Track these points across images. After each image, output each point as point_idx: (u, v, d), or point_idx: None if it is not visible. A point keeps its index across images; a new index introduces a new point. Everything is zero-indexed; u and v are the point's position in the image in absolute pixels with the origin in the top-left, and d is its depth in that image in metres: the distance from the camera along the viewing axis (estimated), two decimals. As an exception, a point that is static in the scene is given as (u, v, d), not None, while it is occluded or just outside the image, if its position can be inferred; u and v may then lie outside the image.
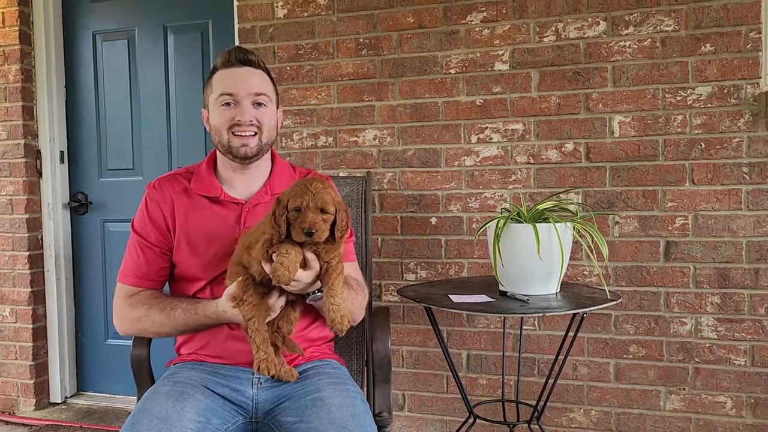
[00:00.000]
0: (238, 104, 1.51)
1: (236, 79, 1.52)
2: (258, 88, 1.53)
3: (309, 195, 1.24)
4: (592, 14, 2.31)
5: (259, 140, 1.54)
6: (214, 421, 1.33)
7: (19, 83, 2.95)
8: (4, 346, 3.05)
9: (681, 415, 2.29)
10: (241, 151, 1.52)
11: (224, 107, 1.52)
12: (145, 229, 1.56)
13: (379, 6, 2.53)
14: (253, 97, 1.52)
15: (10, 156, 2.98)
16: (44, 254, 3.06)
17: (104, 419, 2.90)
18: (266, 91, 1.56)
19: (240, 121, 1.50)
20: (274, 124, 1.59)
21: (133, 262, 1.55)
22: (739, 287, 2.22)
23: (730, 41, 2.18)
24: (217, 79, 1.54)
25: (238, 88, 1.51)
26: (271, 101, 1.57)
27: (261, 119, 1.53)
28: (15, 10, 2.93)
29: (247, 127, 1.51)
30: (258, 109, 1.53)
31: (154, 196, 1.57)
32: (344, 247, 1.52)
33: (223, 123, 1.51)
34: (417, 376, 2.55)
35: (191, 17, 2.91)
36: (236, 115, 1.50)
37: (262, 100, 1.54)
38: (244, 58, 1.55)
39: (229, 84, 1.52)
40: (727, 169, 2.21)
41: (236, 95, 1.51)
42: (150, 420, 1.25)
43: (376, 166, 2.56)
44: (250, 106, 1.52)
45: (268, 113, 1.56)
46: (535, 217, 1.93)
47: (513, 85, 2.39)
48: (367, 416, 1.33)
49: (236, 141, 1.51)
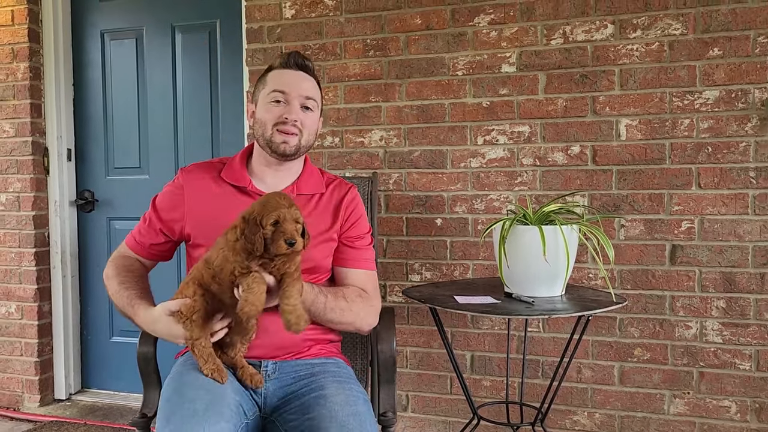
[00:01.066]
0: (288, 103, 1.57)
1: (291, 80, 1.58)
2: (309, 92, 1.59)
3: (284, 208, 1.28)
4: (600, 17, 2.31)
5: (299, 141, 1.58)
6: (245, 406, 1.37)
7: (27, 81, 2.96)
8: (10, 343, 3.06)
9: (685, 419, 2.29)
10: (281, 148, 1.57)
11: (274, 104, 1.57)
12: (158, 206, 1.64)
13: (386, 7, 2.53)
14: (303, 99, 1.58)
15: (17, 153, 3.00)
16: (50, 251, 3.07)
17: (108, 416, 2.91)
18: (315, 96, 1.62)
19: (287, 119, 1.55)
20: (315, 130, 1.64)
21: (137, 228, 1.68)
22: (744, 292, 2.22)
23: (738, 45, 2.18)
24: (272, 77, 1.60)
25: (291, 88, 1.57)
26: (317, 107, 1.63)
27: (305, 122, 1.58)
28: (24, 8, 2.94)
29: (291, 126, 1.56)
30: (305, 112, 1.59)
31: (181, 180, 1.64)
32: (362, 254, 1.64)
33: (270, 118, 1.56)
34: (421, 376, 2.56)
35: (199, 17, 2.92)
36: (284, 113, 1.55)
37: (310, 105, 1.59)
38: (301, 63, 1.62)
39: (283, 83, 1.57)
40: (733, 173, 2.21)
41: (288, 94, 1.56)
42: (197, 390, 1.29)
43: (382, 167, 2.56)
44: (299, 107, 1.57)
45: (313, 118, 1.62)
46: (541, 219, 1.93)
47: (520, 88, 2.40)
48: (368, 416, 1.34)
49: (278, 137, 1.56)
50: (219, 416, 1.23)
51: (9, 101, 3.00)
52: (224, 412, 1.26)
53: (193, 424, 1.19)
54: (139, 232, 1.67)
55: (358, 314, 1.54)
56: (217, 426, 1.21)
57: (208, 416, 1.21)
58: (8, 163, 3.02)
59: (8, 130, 3.01)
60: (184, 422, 1.20)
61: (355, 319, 1.54)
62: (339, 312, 1.50)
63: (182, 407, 1.24)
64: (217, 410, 1.24)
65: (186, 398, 1.27)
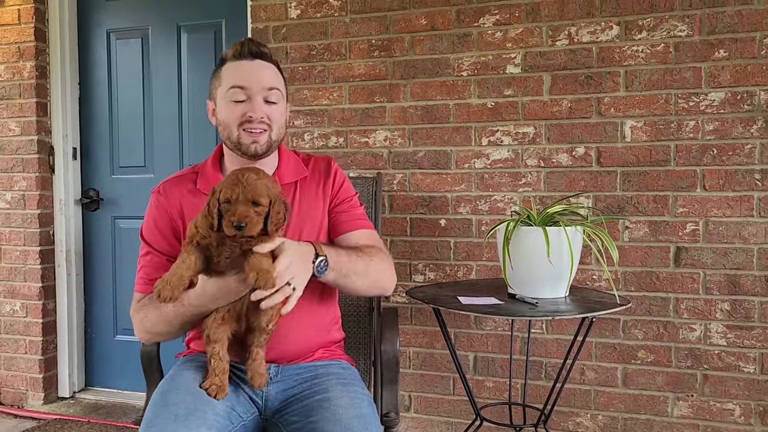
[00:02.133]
0: (249, 99, 1.45)
1: (249, 72, 1.46)
2: (270, 83, 1.47)
3: (240, 186, 1.20)
4: (606, 18, 2.30)
5: (269, 137, 1.48)
6: (238, 409, 1.35)
7: (33, 80, 2.97)
8: (14, 340, 3.07)
9: (689, 421, 2.28)
10: (251, 149, 1.46)
11: (234, 103, 1.45)
12: (152, 237, 1.52)
13: (391, 8, 2.53)
14: (266, 92, 1.46)
15: (23, 152, 3.01)
16: (55, 250, 3.09)
17: (112, 414, 2.92)
18: (278, 85, 1.49)
19: (252, 117, 1.44)
20: (284, 121, 1.54)
21: (143, 270, 1.51)
22: (749, 294, 2.21)
23: (744, 47, 2.18)
24: (228, 71, 1.48)
25: (251, 82, 1.44)
26: (282, 97, 1.51)
27: (272, 116, 1.47)
28: (31, 8, 2.95)
29: (258, 124, 1.45)
30: (270, 106, 1.47)
31: (161, 201, 1.53)
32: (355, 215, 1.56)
33: (233, 119, 1.45)
34: (424, 377, 2.56)
35: (205, 16, 2.93)
36: (248, 111, 1.44)
37: (273, 97, 1.47)
38: (257, 51, 1.48)
39: (242, 77, 1.45)
40: (739, 175, 2.20)
41: (248, 89, 1.44)
42: (183, 396, 1.27)
43: (387, 167, 2.56)
44: (262, 102, 1.46)
45: (279, 109, 1.50)
46: (545, 221, 1.93)
47: (525, 89, 2.39)
48: (373, 418, 1.32)
49: (246, 138, 1.45)
50: (200, 421, 1.21)
51: (15, 100, 3.01)
52: (207, 418, 1.23)
53: (172, 429, 1.18)
54: (146, 273, 1.50)
55: (382, 270, 1.47)
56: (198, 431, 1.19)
57: (189, 422, 1.20)
58: (14, 161, 3.03)
59: (14, 128, 3.02)
60: (164, 426, 1.19)
61: (381, 277, 1.46)
62: (363, 269, 1.41)
63: (165, 410, 1.23)
64: (199, 415, 1.22)
65: (170, 402, 1.25)
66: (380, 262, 1.47)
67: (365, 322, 1.97)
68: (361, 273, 1.41)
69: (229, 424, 1.29)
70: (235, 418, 1.32)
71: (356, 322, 1.97)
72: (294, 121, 2.66)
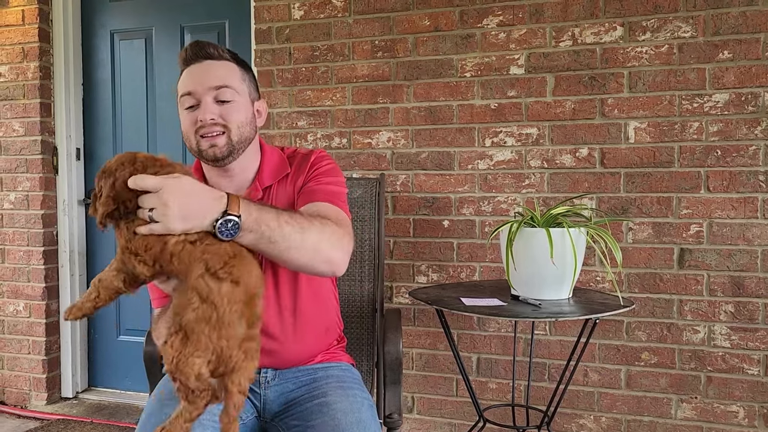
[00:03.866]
0: (198, 103, 1.34)
1: (194, 76, 1.36)
2: (217, 81, 1.34)
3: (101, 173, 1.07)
4: (609, 19, 2.30)
5: (229, 139, 1.35)
6: None
7: (37, 80, 2.98)
8: (18, 341, 3.08)
9: (692, 423, 2.27)
10: (210, 153, 1.35)
11: (188, 110, 1.36)
12: None
13: (395, 9, 2.53)
14: (213, 92, 1.34)
15: (27, 152, 3.02)
16: (59, 250, 3.09)
17: (114, 415, 2.92)
18: (228, 82, 1.35)
19: (202, 121, 1.33)
20: (246, 119, 1.38)
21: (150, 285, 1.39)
22: (753, 296, 2.20)
23: (749, 48, 2.17)
24: (180, 82, 1.39)
25: (195, 86, 1.34)
26: (238, 93, 1.37)
27: (227, 116, 1.34)
28: (35, 8, 2.96)
29: (211, 128, 1.33)
30: (221, 105, 1.34)
31: None
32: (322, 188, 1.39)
33: (188, 127, 1.36)
34: (426, 378, 2.55)
35: (208, 17, 2.93)
36: (198, 116, 1.33)
37: (224, 95, 1.34)
38: (203, 52, 1.37)
39: (188, 83, 1.36)
40: (743, 177, 2.20)
41: (195, 93, 1.34)
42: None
43: (390, 168, 2.56)
44: (212, 103, 1.34)
45: (236, 107, 1.36)
46: (548, 222, 1.93)
47: (528, 90, 2.39)
48: (372, 422, 1.30)
49: (204, 143, 1.34)
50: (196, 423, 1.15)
51: (19, 100, 3.02)
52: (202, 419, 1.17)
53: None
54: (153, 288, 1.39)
55: (324, 239, 1.20)
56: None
57: None
58: (18, 162, 3.04)
59: (18, 129, 3.03)
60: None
61: (322, 246, 1.19)
62: (298, 236, 1.16)
63: (160, 413, 1.21)
64: None
65: (165, 403, 1.24)
66: (323, 230, 1.21)
67: (368, 323, 1.97)
68: (293, 240, 1.16)
69: None
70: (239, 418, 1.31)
71: (359, 323, 1.96)
72: (297, 122, 2.66)
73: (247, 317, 1.04)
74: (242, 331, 1.02)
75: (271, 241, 1.14)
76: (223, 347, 0.99)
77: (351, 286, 1.99)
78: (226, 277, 1.02)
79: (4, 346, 3.11)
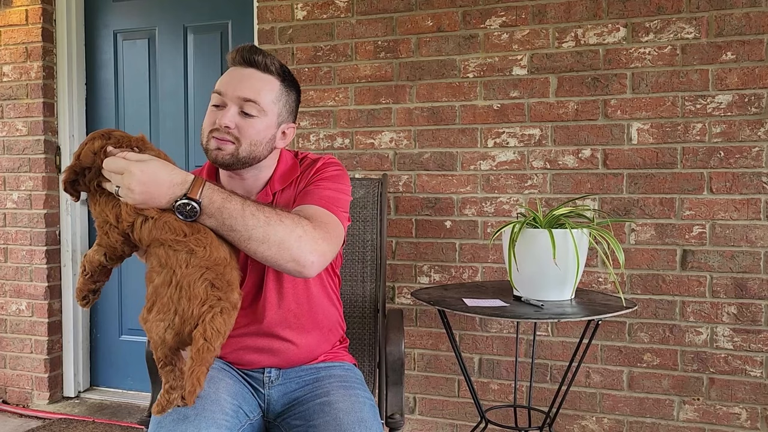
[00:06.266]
0: (223, 106, 1.36)
1: (231, 78, 1.37)
2: (248, 93, 1.34)
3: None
4: (612, 20, 2.30)
5: (236, 151, 1.35)
6: (245, 407, 1.35)
7: (40, 80, 2.99)
8: (20, 340, 3.08)
9: (695, 425, 2.27)
10: (213, 155, 1.36)
11: (213, 108, 1.38)
12: None
13: (398, 9, 2.53)
14: (241, 102, 1.34)
15: (29, 152, 3.02)
16: (61, 249, 3.10)
17: (116, 414, 2.92)
18: (259, 98, 1.35)
19: (219, 124, 1.34)
20: (263, 139, 1.37)
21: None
22: (756, 298, 2.20)
23: (752, 50, 2.17)
24: (220, 77, 1.41)
25: (227, 88, 1.35)
26: (265, 111, 1.36)
27: (243, 129, 1.34)
28: (38, 8, 2.97)
29: (223, 133, 1.34)
30: (244, 117, 1.35)
31: None
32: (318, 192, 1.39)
33: (207, 123, 1.38)
34: (428, 379, 2.55)
35: (211, 17, 2.93)
36: (217, 118, 1.35)
37: (249, 109, 1.34)
38: (251, 59, 1.36)
39: (223, 83, 1.37)
40: (746, 178, 2.19)
41: (224, 95, 1.35)
42: None
43: (392, 169, 2.56)
44: (236, 112, 1.34)
45: (256, 125, 1.35)
46: (551, 223, 1.92)
47: (531, 90, 2.39)
48: (374, 422, 1.31)
49: (212, 143, 1.36)
50: (210, 421, 1.21)
51: (22, 100, 3.02)
52: (216, 417, 1.23)
53: (182, 430, 1.19)
54: None
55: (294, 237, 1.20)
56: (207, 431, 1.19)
57: (198, 422, 1.20)
58: (21, 161, 3.04)
59: (21, 128, 3.03)
60: (174, 426, 1.19)
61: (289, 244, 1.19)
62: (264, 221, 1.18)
63: (174, 411, 1.23)
64: (207, 415, 1.22)
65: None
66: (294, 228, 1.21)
67: (370, 323, 1.97)
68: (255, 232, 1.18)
69: (237, 423, 1.29)
70: (243, 417, 1.32)
71: (361, 323, 1.97)
72: (300, 122, 2.66)
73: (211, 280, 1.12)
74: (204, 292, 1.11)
75: (233, 230, 1.18)
76: (184, 307, 1.08)
77: (353, 286, 2.00)
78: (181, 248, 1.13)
79: (7, 346, 3.11)
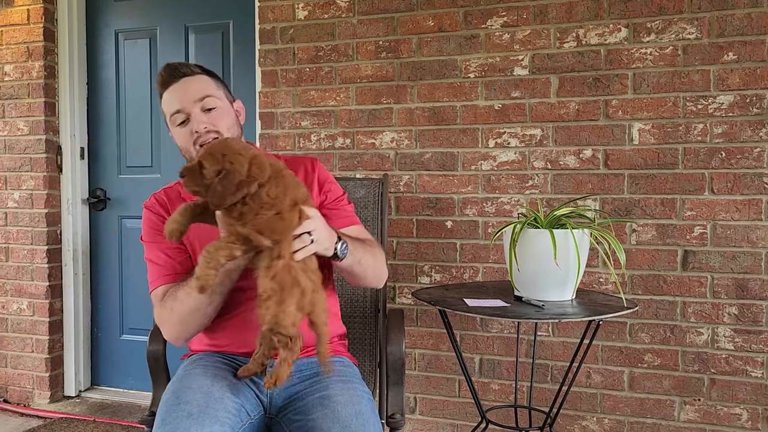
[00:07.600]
0: (189, 117, 1.49)
1: (177, 93, 1.50)
2: (199, 93, 1.50)
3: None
4: (614, 20, 2.30)
5: None
6: (247, 406, 1.37)
7: (42, 79, 2.99)
8: (21, 339, 3.08)
9: (695, 426, 2.27)
10: None
11: (180, 127, 1.50)
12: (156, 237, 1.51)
13: (399, 9, 2.53)
14: (199, 103, 1.49)
15: (31, 151, 3.03)
16: (62, 249, 3.10)
17: (117, 414, 2.92)
18: (209, 92, 1.51)
19: (197, 132, 1.47)
20: (232, 121, 1.54)
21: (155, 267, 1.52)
22: (757, 298, 2.20)
23: (754, 50, 2.17)
24: (164, 102, 1.54)
25: (182, 102, 1.49)
26: (219, 99, 1.53)
27: (216, 122, 1.49)
28: (40, 8, 2.97)
29: (206, 136, 1.47)
30: (208, 113, 1.49)
31: (155, 207, 1.56)
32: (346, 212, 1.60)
33: (185, 140, 1.50)
34: (429, 379, 2.55)
35: (212, 17, 2.93)
36: (192, 128, 1.48)
37: (209, 103, 1.50)
38: (178, 72, 1.52)
39: (174, 102, 1.50)
40: (747, 178, 2.19)
41: (183, 109, 1.49)
42: (194, 393, 1.29)
43: (393, 169, 2.56)
44: (201, 113, 1.49)
45: (220, 112, 1.52)
46: (552, 223, 1.92)
47: (532, 91, 2.39)
48: (372, 415, 1.34)
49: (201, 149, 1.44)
50: (213, 419, 1.24)
51: (23, 99, 3.03)
52: (219, 416, 1.26)
53: (186, 427, 1.21)
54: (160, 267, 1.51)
55: (382, 261, 1.56)
56: (211, 428, 1.21)
57: (202, 419, 1.22)
58: (22, 160, 3.05)
59: (22, 128, 3.03)
60: (178, 424, 1.22)
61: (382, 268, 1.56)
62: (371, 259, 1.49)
63: (178, 409, 1.26)
64: (211, 413, 1.25)
65: (182, 400, 1.28)
66: (381, 255, 1.56)
67: (371, 323, 1.97)
68: (370, 263, 1.48)
69: (239, 422, 1.31)
70: (245, 416, 1.35)
71: (362, 323, 1.97)
72: (301, 122, 2.66)
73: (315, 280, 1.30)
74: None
75: (361, 264, 1.45)
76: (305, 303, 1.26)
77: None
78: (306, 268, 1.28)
79: (8, 345, 3.11)
